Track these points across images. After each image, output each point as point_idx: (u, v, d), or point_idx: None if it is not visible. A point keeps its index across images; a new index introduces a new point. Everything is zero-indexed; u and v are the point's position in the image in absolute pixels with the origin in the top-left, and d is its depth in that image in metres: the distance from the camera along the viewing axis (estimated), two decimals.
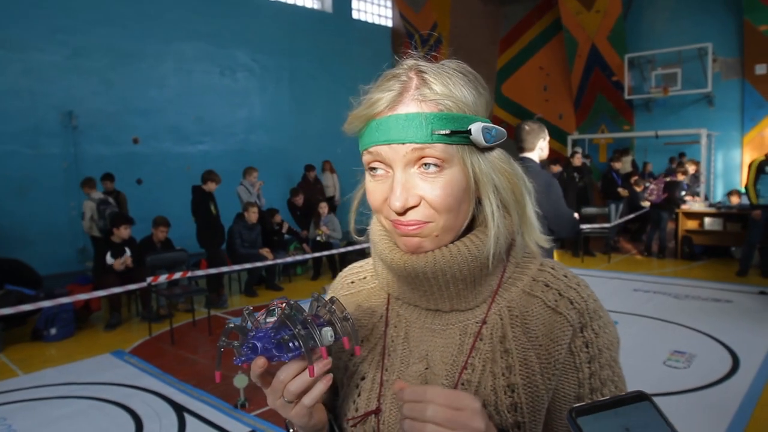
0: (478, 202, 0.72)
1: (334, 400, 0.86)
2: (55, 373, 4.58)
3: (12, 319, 5.48)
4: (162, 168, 9.21)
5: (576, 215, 3.48)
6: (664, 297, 6.30)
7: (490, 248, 0.69)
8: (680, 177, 8.89)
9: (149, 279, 5.49)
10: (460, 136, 0.66)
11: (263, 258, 7.05)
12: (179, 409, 3.81)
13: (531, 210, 0.73)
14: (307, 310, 0.67)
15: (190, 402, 3.92)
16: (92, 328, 6.02)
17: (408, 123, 0.65)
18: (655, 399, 0.49)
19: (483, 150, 0.69)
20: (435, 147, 0.65)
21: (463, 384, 0.71)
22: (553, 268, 0.76)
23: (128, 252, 6.10)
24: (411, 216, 0.67)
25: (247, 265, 6.78)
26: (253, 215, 7.15)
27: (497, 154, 0.72)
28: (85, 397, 4.06)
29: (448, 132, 0.65)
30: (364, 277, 0.88)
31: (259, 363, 0.63)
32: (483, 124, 0.67)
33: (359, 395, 0.77)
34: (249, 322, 0.65)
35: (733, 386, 3.86)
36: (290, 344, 0.63)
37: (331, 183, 10.47)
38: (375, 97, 0.68)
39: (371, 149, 0.68)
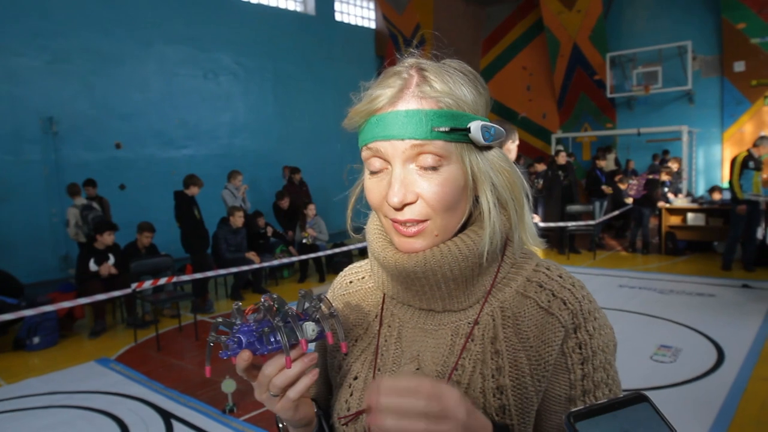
0: (475, 200, 0.72)
1: (328, 398, 0.86)
2: (39, 383, 4.51)
3: None
4: (145, 173, 9.12)
5: (537, 219, 3.50)
6: (649, 292, 6.36)
7: (485, 246, 0.69)
8: (664, 177, 8.98)
9: (134, 285, 5.42)
10: (459, 133, 0.67)
11: (249, 262, 7.00)
12: (166, 416, 3.76)
13: (527, 210, 0.74)
14: (294, 307, 0.67)
15: (177, 408, 3.87)
16: (76, 336, 5.94)
17: (408, 119, 0.65)
18: (647, 393, 0.48)
19: (481, 149, 0.70)
20: (434, 144, 0.65)
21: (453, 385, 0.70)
22: (548, 269, 0.75)
23: (112, 259, 6.03)
24: (407, 214, 0.67)
25: (234, 269, 6.73)
26: (239, 219, 7.10)
27: (496, 153, 0.72)
28: (71, 407, 3.99)
29: (447, 129, 0.65)
30: (363, 277, 0.87)
31: (244, 356, 0.64)
32: (482, 122, 0.68)
33: (351, 395, 0.77)
34: (237, 318, 0.66)
35: (718, 379, 3.90)
36: (270, 337, 0.64)
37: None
38: (376, 93, 0.68)
39: (370, 145, 0.68)
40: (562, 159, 9.19)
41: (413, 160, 0.67)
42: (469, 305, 0.73)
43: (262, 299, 0.66)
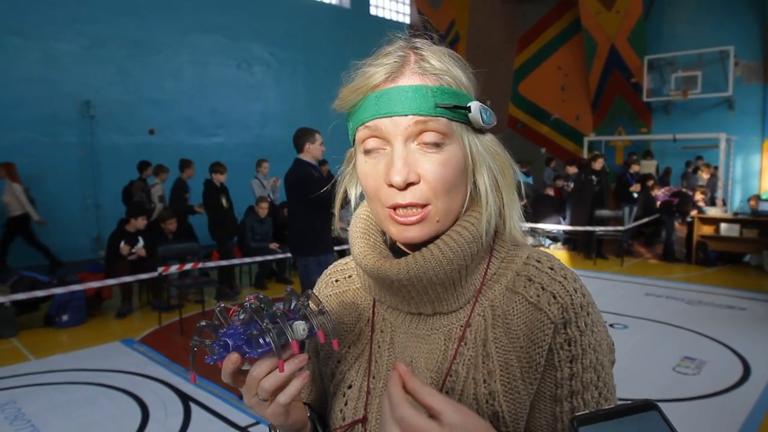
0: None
1: (324, 403, 0.84)
2: (65, 359, 4.64)
3: (25, 305, 5.56)
4: (176, 159, 9.26)
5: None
6: (677, 302, 6.22)
7: (481, 234, 0.67)
8: (699, 196, 8.74)
9: (160, 269, 5.53)
10: (460, 112, 0.65)
11: (274, 251, 7.07)
12: (185, 399, 3.83)
13: (516, 199, 0.71)
14: (282, 305, 0.64)
15: (196, 392, 3.94)
16: (103, 315, 6.09)
17: (412, 94, 0.63)
18: (663, 405, 0.46)
19: (477, 131, 0.68)
20: (438, 120, 0.63)
21: (447, 392, 0.67)
22: (538, 261, 0.70)
23: (141, 242, 6.15)
24: (409, 197, 0.64)
25: (258, 258, 6.81)
26: (263, 210, 7.17)
27: (490, 137, 0.70)
28: (94, 384, 4.10)
29: (451, 106, 0.64)
30: (350, 276, 0.83)
31: (233, 359, 0.60)
32: (480, 104, 0.66)
33: (346, 404, 0.74)
34: (221, 320, 0.63)
35: (743, 394, 3.79)
36: (259, 340, 0.61)
37: (11, 198, 7.06)
38: (372, 70, 0.65)
39: (369, 123, 0.65)
40: (598, 165, 8.99)
41: (415, 138, 0.64)
42: (459, 306, 0.69)
43: (247, 299, 0.63)
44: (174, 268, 5.69)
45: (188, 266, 5.85)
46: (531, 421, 0.67)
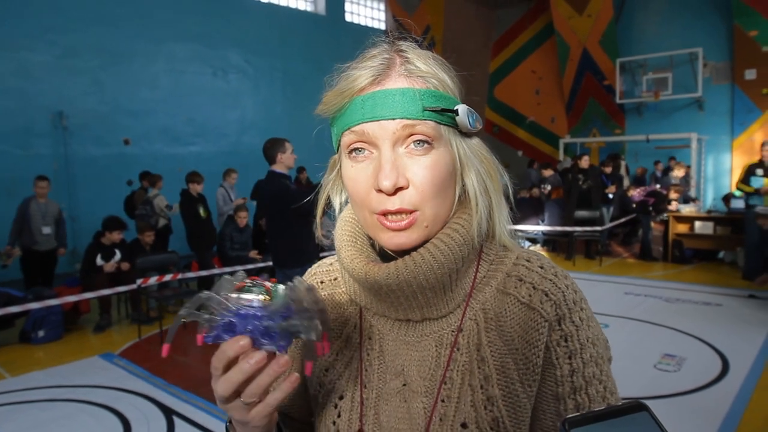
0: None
1: (302, 408, 0.82)
2: (43, 376, 4.53)
3: None
4: (153, 169, 9.12)
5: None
6: (655, 300, 6.32)
7: (473, 235, 0.66)
8: (672, 195, 8.91)
9: (139, 281, 5.44)
10: (448, 115, 0.64)
11: (254, 260, 7.01)
12: (168, 413, 3.77)
13: (504, 203, 0.70)
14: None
15: (179, 405, 3.88)
16: (81, 330, 5.96)
17: (400, 98, 0.62)
18: (646, 402, 0.47)
19: (464, 135, 0.67)
20: (426, 124, 0.62)
21: (443, 400, 0.66)
22: (528, 260, 0.69)
23: (118, 255, 6.05)
24: (398, 202, 0.62)
25: (239, 267, 6.72)
26: (243, 219, 7.10)
27: (477, 141, 0.70)
28: (73, 400, 4.01)
29: (439, 109, 0.63)
30: (335, 278, 0.80)
31: (242, 343, 0.55)
32: (467, 107, 0.65)
33: (339, 416, 0.71)
34: (225, 292, 0.56)
35: (723, 390, 3.86)
36: (287, 334, 0.55)
37: None
38: (357, 73, 0.64)
39: (355, 128, 0.63)
40: (584, 163, 9.07)
41: (402, 143, 0.63)
42: (450, 311, 0.68)
43: (259, 280, 0.57)
44: (153, 280, 5.61)
45: (168, 277, 5.78)
46: (536, 423, 0.67)
